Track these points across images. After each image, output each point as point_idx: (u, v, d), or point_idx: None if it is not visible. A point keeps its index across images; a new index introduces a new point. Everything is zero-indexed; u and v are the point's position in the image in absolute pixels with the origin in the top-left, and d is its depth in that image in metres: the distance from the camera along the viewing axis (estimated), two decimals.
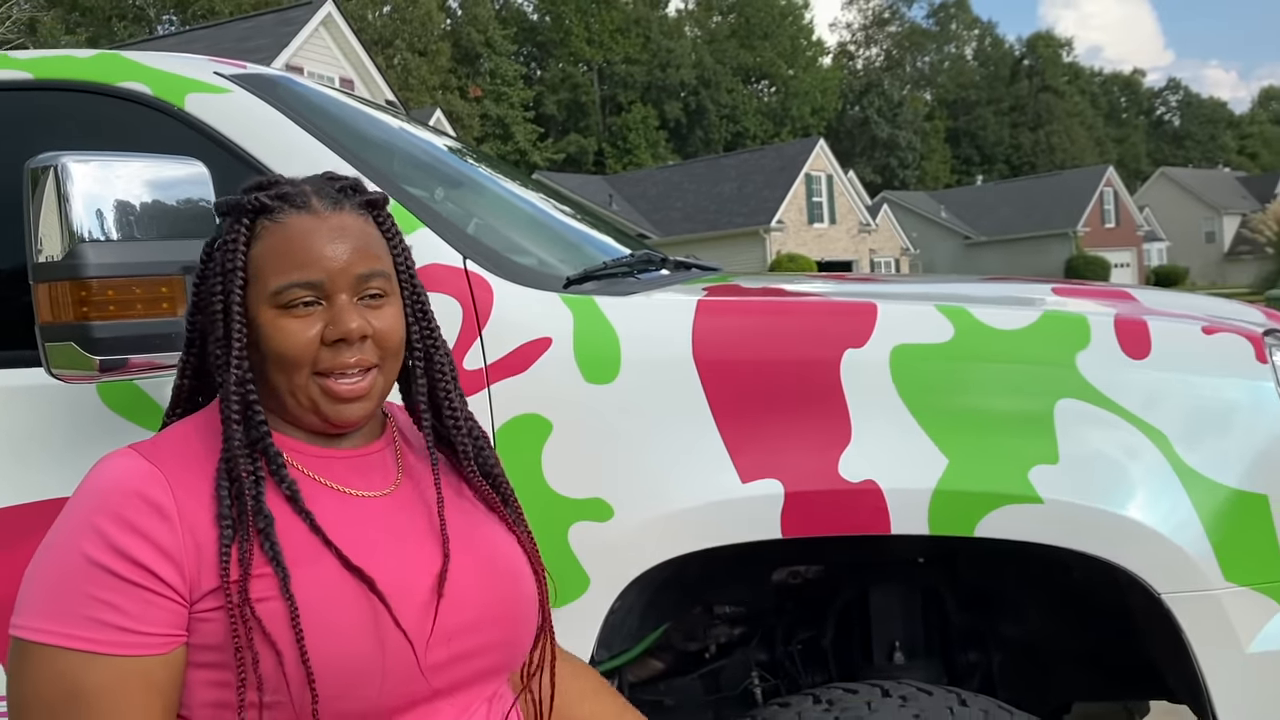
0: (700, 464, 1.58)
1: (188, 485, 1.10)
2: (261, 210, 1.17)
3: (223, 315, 1.15)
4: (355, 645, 1.07)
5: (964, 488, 1.51)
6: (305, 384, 1.15)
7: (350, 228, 1.18)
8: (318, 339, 1.15)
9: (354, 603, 1.08)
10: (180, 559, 1.06)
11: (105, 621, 1.04)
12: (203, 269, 1.21)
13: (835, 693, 1.60)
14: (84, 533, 1.06)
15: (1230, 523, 1.50)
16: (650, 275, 2.09)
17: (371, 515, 1.17)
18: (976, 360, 1.58)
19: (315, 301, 1.15)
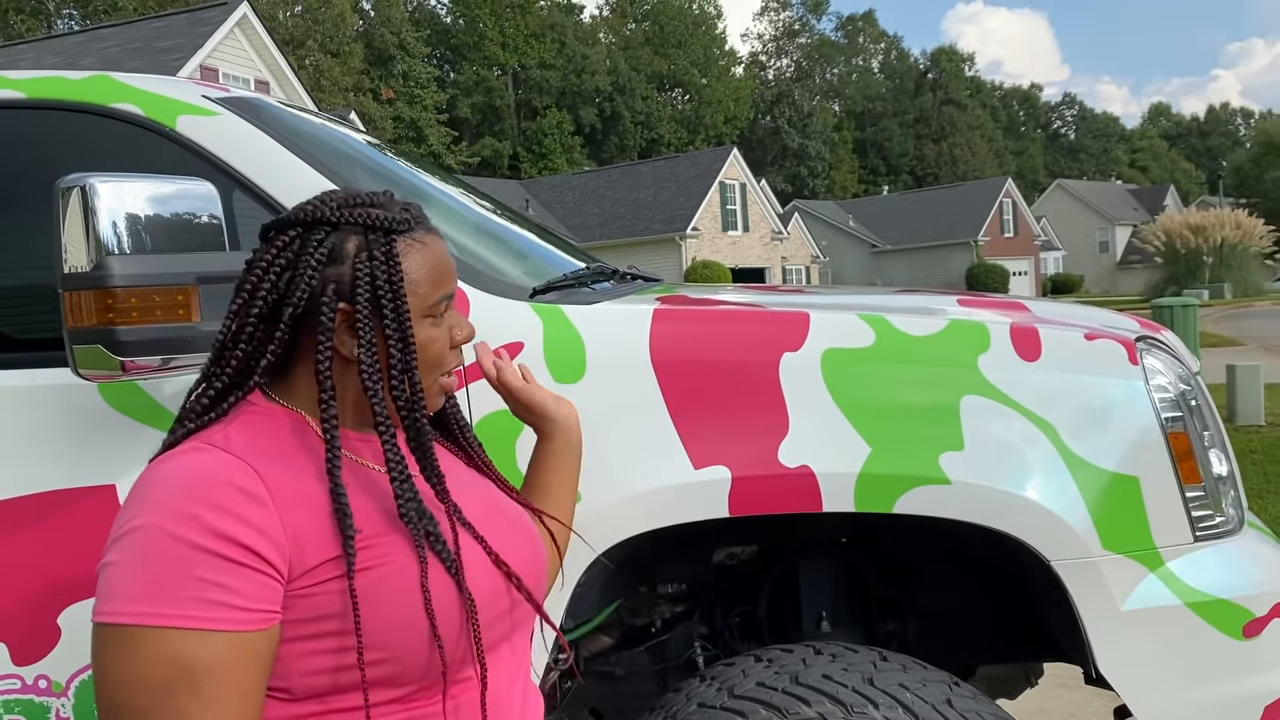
0: (657, 453, 1.79)
1: (276, 475, 1.17)
2: (408, 229, 1.26)
3: (395, 325, 1.22)
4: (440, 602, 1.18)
5: (884, 471, 1.75)
6: (434, 383, 1.30)
7: (447, 248, 1.34)
8: (449, 342, 1.31)
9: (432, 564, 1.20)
10: (280, 541, 1.13)
11: (216, 600, 1.08)
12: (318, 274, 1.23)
13: (774, 653, 1.83)
14: (180, 521, 1.10)
15: (1107, 500, 1.76)
16: (603, 286, 2.30)
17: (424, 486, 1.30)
18: (894, 362, 1.82)
19: (444, 311, 1.30)
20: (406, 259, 1.25)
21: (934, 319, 1.89)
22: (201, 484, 1.12)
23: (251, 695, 1.10)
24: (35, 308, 2.01)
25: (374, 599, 1.15)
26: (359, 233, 1.24)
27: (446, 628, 1.18)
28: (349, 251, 1.23)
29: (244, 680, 1.09)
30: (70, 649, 1.83)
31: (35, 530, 1.83)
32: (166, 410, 1.86)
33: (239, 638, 1.09)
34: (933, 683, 1.71)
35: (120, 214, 1.57)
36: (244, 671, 1.09)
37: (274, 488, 1.15)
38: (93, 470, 1.85)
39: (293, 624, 1.14)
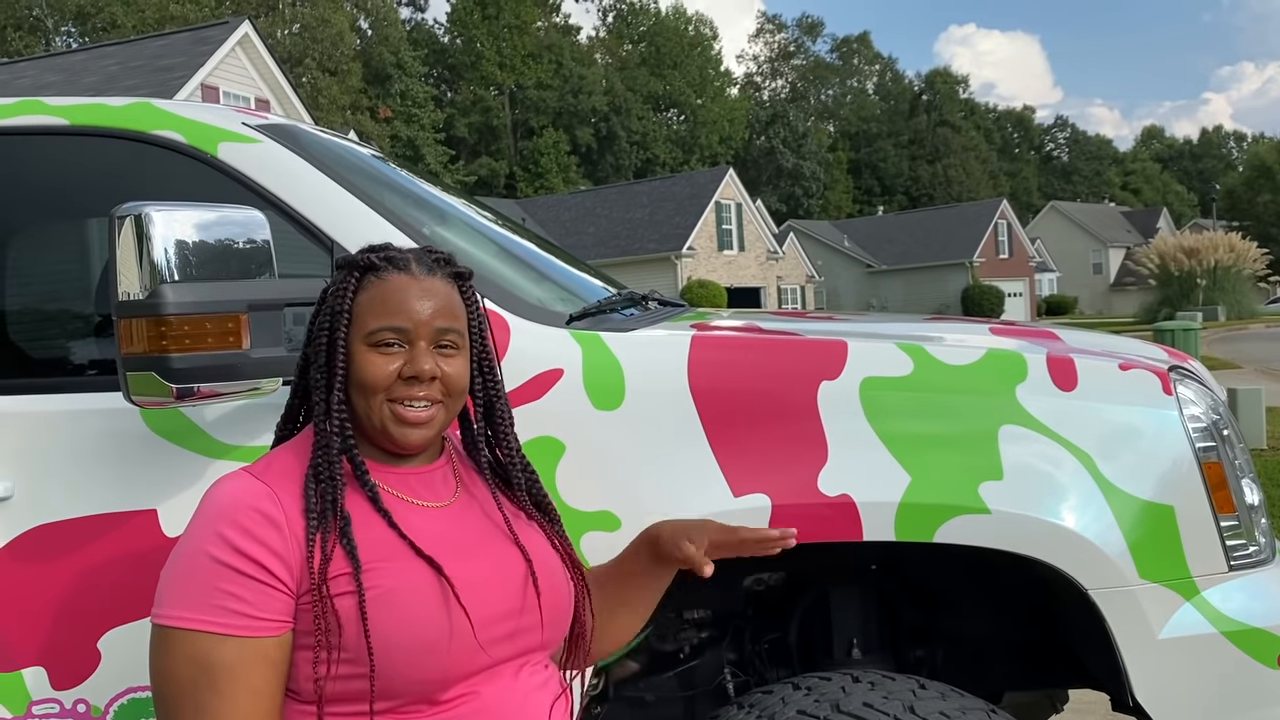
0: (696, 480, 1.81)
1: (294, 498, 1.35)
2: (371, 268, 1.42)
3: (327, 347, 1.41)
4: (428, 625, 1.31)
5: (925, 500, 1.76)
6: (379, 407, 1.40)
7: (438, 290, 1.44)
8: (396, 373, 1.40)
9: (427, 589, 1.32)
10: (289, 559, 1.30)
11: (231, 609, 1.27)
12: (316, 310, 1.45)
13: (812, 680, 1.84)
14: (211, 539, 1.30)
15: (1143, 529, 1.78)
16: (632, 312, 2.32)
17: (436, 520, 1.42)
18: (933, 391, 1.84)
19: (399, 344, 1.40)
20: (364, 292, 1.41)
21: (971, 349, 1.91)
22: (230, 507, 1.31)
23: (263, 693, 1.27)
24: (75, 332, 2.02)
25: (370, 618, 1.28)
26: (347, 271, 1.43)
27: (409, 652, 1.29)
28: (332, 289, 1.43)
29: (255, 679, 1.26)
30: (110, 673, 1.84)
31: (76, 555, 1.84)
32: (207, 434, 1.87)
33: (249, 642, 1.26)
34: (971, 710, 1.72)
35: (173, 242, 1.59)
36: (255, 672, 1.26)
37: (290, 511, 1.32)
38: (134, 495, 1.85)
39: (301, 634, 1.30)
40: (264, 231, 1.69)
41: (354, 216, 1.97)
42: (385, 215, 1.99)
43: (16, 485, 1.85)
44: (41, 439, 1.87)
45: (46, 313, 2.03)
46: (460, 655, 1.33)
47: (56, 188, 2.05)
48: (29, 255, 2.03)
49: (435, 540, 1.38)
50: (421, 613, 1.31)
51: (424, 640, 1.31)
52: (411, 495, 1.43)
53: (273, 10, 48.40)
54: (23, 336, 2.00)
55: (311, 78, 47.15)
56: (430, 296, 1.43)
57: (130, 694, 1.85)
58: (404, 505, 1.41)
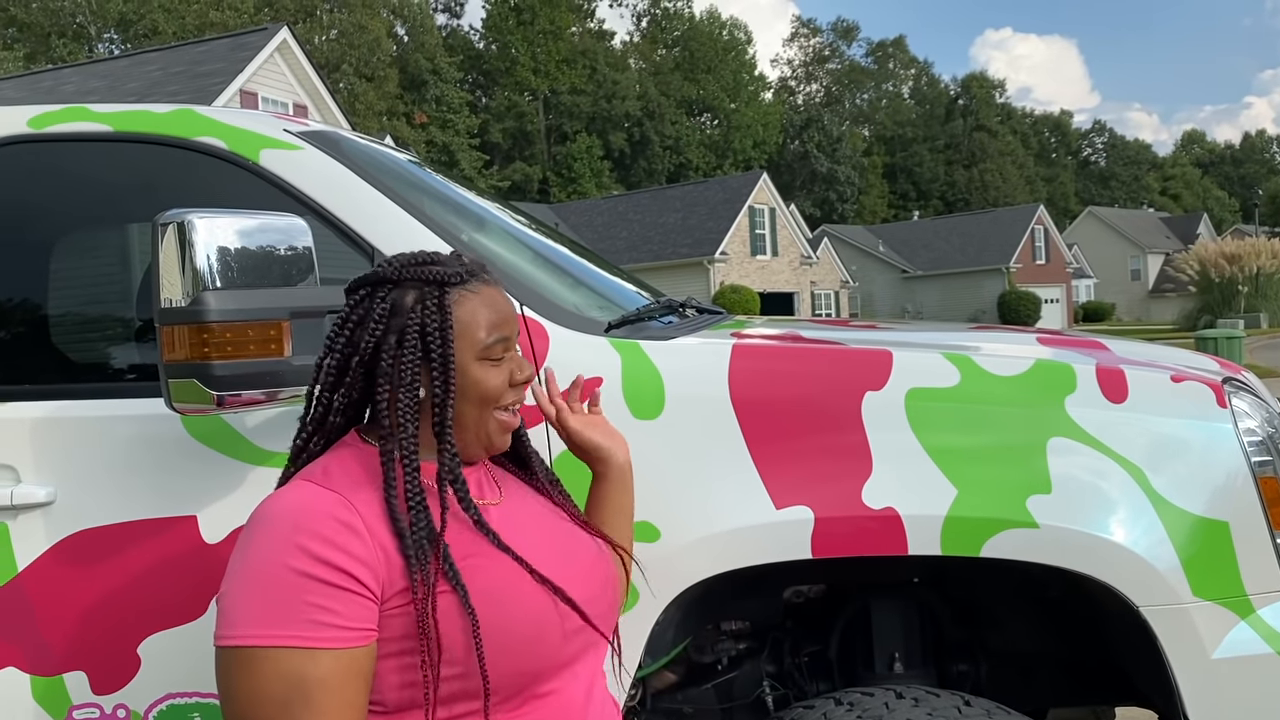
0: (737, 492, 1.78)
1: (368, 505, 1.30)
2: (459, 282, 1.40)
3: (441, 365, 1.35)
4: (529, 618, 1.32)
5: (972, 514, 1.73)
6: (490, 418, 1.41)
7: (507, 296, 1.47)
8: (507, 381, 1.42)
9: (522, 583, 1.33)
10: (374, 565, 1.26)
11: (323, 622, 1.22)
12: (381, 326, 1.37)
13: (854, 696, 1.81)
14: (290, 551, 1.24)
15: (1197, 546, 1.73)
16: (670, 320, 2.30)
17: (498, 519, 1.41)
18: (980, 402, 1.81)
19: (502, 356, 1.41)
20: (459, 307, 1.39)
21: (1019, 359, 1.87)
22: (306, 517, 1.26)
23: (356, 705, 1.23)
24: (118, 338, 2.03)
25: (451, 619, 1.27)
26: (417, 287, 1.38)
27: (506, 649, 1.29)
28: (407, 305, 1.37)
29: (350, 692, 1.22)
30: (149, 678, 1.84)
31: (117, 560, 1.85)
32: (247, 440, 1.87)
33: (343, 654, 1.22)
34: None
35: (216, 249, 1.58)
36: (350, 684, 1.22)
37: (367, 517, 1.29)
38: (173, 501, 1.86)
39: (385, 641, 1.27)
40: (306, 238, 1.68)
41: (394, 223, 1.96)
42: (425, 222, 1.99)
43: (59, 490, 1.86)
44: (83, 444, 1.87)
45: (89, 319, 2.04)
46: (551, 646, 1.34)
47: (100, 194, 2.06)
48: (73, 261, 2.05)
49: (515, 536, 1.39)
50: (523, 605, 1.32)
51: (524, 633, 1.31)
52: (477, 494, 1.44)
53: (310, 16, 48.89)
54: (66, 342, 2.01)
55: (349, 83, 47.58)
56: (510, 302, 1.46)
57: (169, 700, 1.85)
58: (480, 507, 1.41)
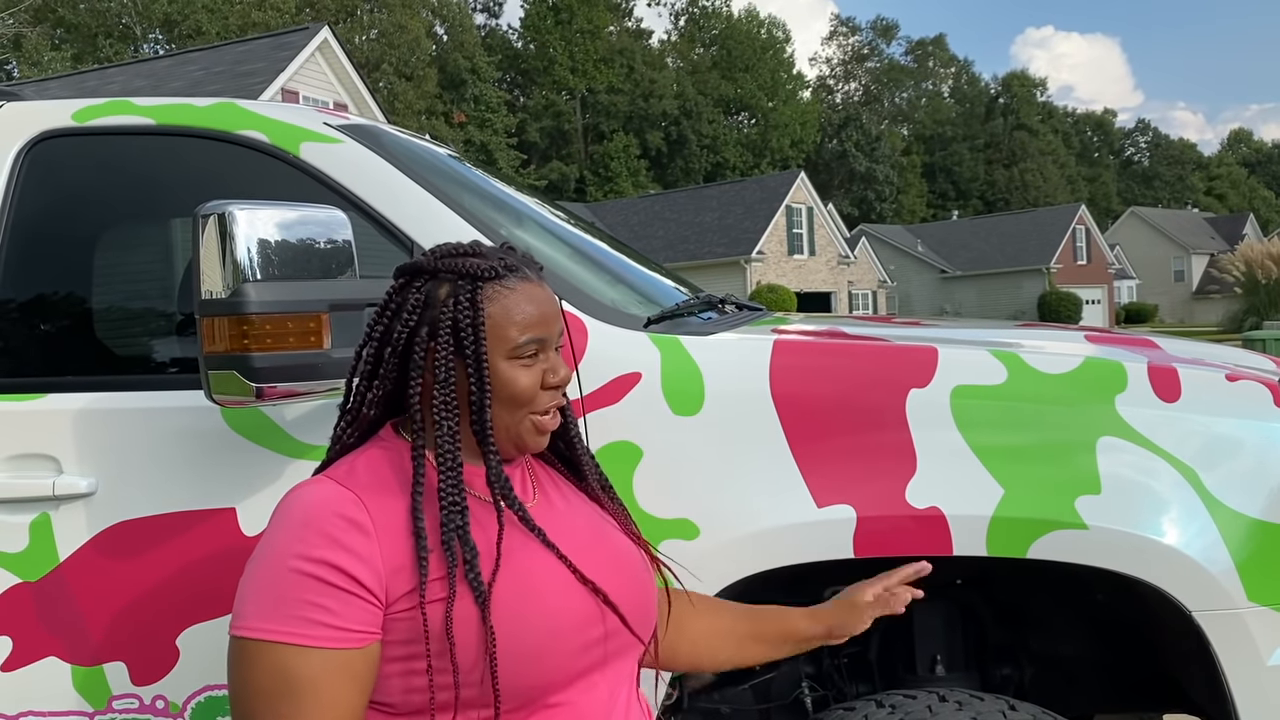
0: (778, 489, 1.75)
1: (384, 507, 1.28)
2: (495, 276, 1.35)
3: (473, 363, 1.32)
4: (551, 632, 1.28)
5: (1019, 514, 1.69)
6: (522, 419, 1.36)
7: (552, 294, 1.41)
8: (539, 384, 1.36)
9: (552, 595, 1.29)
10: (377, 567, 1.24)
11: (315, 620, 1.21)
12: (414, 317, 1.35)
13: (896, 698, 1.78)
14: (294, 547, 1.23)
15: (1252, 549, 1.68)
16: (710, 316, 2.28)
17: (537, 516, 1.38)
18: (1027, 400, 1.77)
19: (535, 355, 1.36)
20: (492, 304, 1.34)
21: (1068, 357, 1.83)
22: (315, 515, 1.25)
23: (344, 706, 1.21)
24: (159, 330, 2.04)
25: (465, 629, 1.23)
26: (451, 280, 1.35)
27: (517, 661, 1.25)
28: (440, 297, 1.34)
29: (339, 693, 1.21)
30: (188, 670, 1.85)
31: (156, 552, 1.85)
32: (286, 433, 1.87)
33: (334, 655, 1.21)
34: None
35: (256, 241, 1.58)
36: (340, 685, 1.21)
37: (378, 519, 1.26)
38: (213, 493, 1.86)
39: (392, 644, 1.25)
40: (346, 231, 1.68)
41: (434, 217, 1.96)
42: (465, 216, 1.98)
43: (100, 481, 1.87)
44: (124, 436, 1.88)
45: (131, 310, 2.05)
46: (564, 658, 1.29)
47: (142, 186, 2.07)
48: (116, 254, 2.06)
49: (558, 536, 1.35)
50: (543, 616, 1.27)
51: (537, 646, 1.26)
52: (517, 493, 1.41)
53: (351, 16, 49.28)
54: (108, 334, 2.02)
55: (388, 82, 47.92)
56: (552, 302, 1.40)
57: (208, 691, 1.85)
58: (487, 509, 1.36)
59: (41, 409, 1.90)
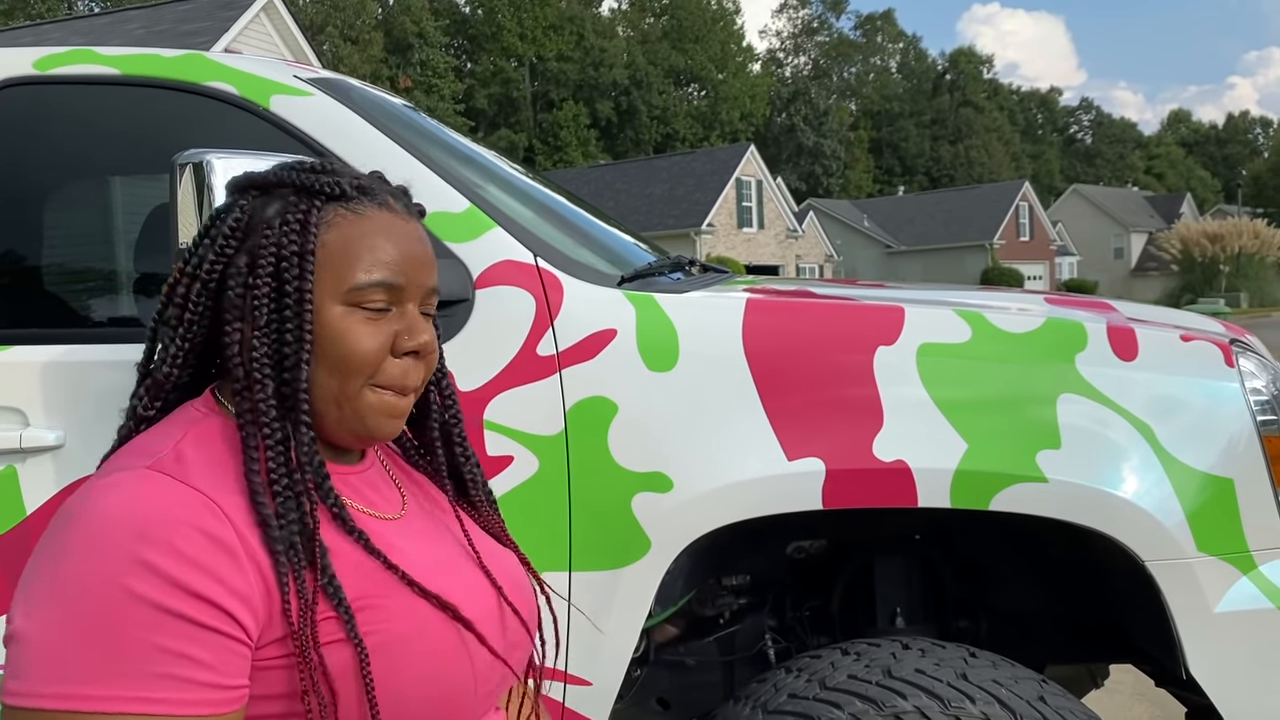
0: (750, 444, 1.79)
1: (239, 511, 0.95)
2: (341, 197, 1.06)
3: (294, 304, 1.01)
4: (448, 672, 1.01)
5: (982, 468, 1.75)
6: (358, 393, 1.04)
7: (421, 237, 1.11)
8: (387, 347, 1.05)
9: (437, 626, 1.01)
10: (253, 600, 0.92)
11: (186, 678, 0.86)
12: (232, 243, 1.05)
13: (861, 646, 1.83)
14: (135, 572, 0.86)
15: (1202, 501, 1.76)
16: (677, 276, 2.30)
17: (401, 535, 1.08)
18: (991, 359, 1.82)
19: (385, 307, 1.05)
20: (330, 230, 1.04)
21: (1030, 316, 1.88)
22: (157, 525, 0.89)
23: None
24: (128, 283, 2.02)
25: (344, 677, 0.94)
26: (283, 197, 1.06)
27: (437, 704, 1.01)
28: (267, 217, 1.05)
29: None
30: None
31: None
32: None
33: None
34: (1024, 680, 1.71)
35: None
36: None
37: (241, 528, 0.93)
38: None
39: (260, 700, 0.94)
40: None
41: (405, 170, 1.95)
42: (438, 171, 1.98)
43: (68, 435, 1.86)
44: (94, 389, 1.87)
45: (98, 263, 2.02)
46: (477, 702, 1.05)
47: (107, 138, 2.04)
48: (80, 206, 2.03)
49: (420, 562, 1.05)
50: (437, 657, 1.00)
51: (444, 692, 1.00)
52: (365, 504, 1.08)
53: None
54: (75, 286, 2.00)
55: (333, 45, 47.06)
56: (421, 244, 1.09)
57: None
58: (364, 519, 1.06)
59: (7, 361, 1.87)
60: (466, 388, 1.82)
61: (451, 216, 1.91)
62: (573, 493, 1.80)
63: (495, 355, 1.83)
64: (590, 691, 1.82)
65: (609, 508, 1.79)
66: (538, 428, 1.81)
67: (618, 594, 1.79)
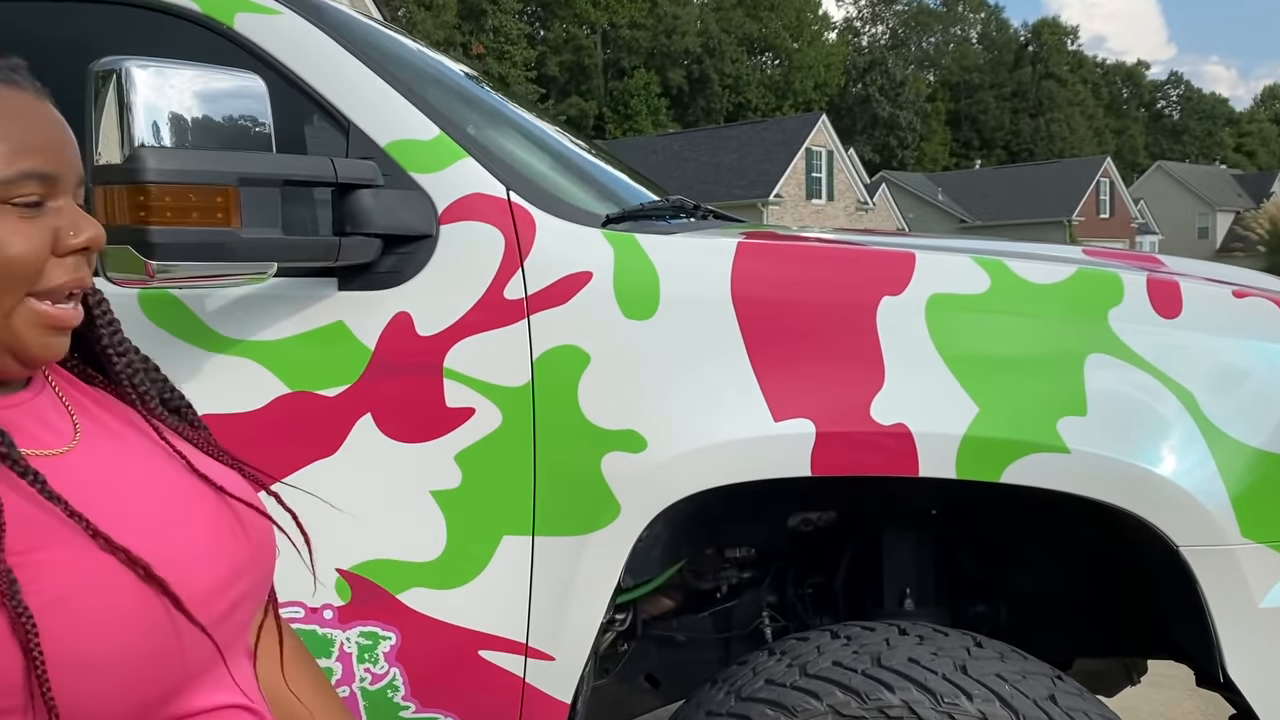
0: (734, 402, 1.61)
1: None
2: None
3: None
4: (128, 629, 0.85)
5: (993, 434, 1.54)
6: (14, 307, 0.89)
7: (60, 118, 0.95)
8: (47, 247, 0.91)
9: (115, 577, 0.85)
10: None
11: None
12: None
13: (853, 629, 1.65)
14: None
15: (1251, 481, 1.53)
16: (680, 221, 2.12)
17: (75, 474, 0.91)
18: (1011, 312, 1.61)
19: (38, 202, 0.91)
20: None
21: (1059, 265, 1.66)
22: None
23: None
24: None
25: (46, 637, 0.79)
26: None
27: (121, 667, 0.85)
28: None
29: None
30: None
31: None
32: (206, 326, 1.73)
33: None
34: (1034, 675, 1.51)
35: (156, 104, 1.42)
36: None
37: None
38: None
39: None
40: (262, 98, 1.52)
41: (374, 95, 1.79)
42: (408, 96, 1.81)
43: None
44: None
45: None
46: (182, 656, 0.89)
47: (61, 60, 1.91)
48: None
49: (92, 504, 0.87)
50: (116, 614, 0.84)
51: (126, 652, 0.84)
52: (30, 442, 0.89)
53: None
54: None
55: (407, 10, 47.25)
56: (63, 126, 0.95)
57: None
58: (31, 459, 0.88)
59: None
60: (426, 332, 1.66)
61: (418, 144, 1.74)
62: (538, 450, 1.64)
63: (459, 298, 1.67)
64: (552, 667, 1.66)
65: (577, 467, 1.63)
66: (502, 378, 1.65)
67: (583, 562, 1.63)
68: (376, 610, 1.69)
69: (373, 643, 1.71)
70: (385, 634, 1.70)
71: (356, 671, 1.72)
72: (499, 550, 1.67)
